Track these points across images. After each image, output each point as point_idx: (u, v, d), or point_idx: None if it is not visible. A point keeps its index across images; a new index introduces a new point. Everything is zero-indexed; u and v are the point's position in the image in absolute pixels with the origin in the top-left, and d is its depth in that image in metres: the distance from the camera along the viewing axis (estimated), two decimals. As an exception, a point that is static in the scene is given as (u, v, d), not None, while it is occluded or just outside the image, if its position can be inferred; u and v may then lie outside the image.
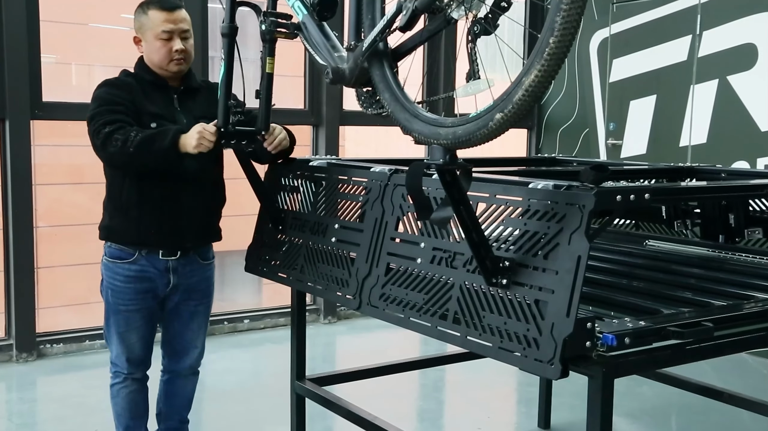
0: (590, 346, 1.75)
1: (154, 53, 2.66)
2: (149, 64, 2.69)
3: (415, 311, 2.14)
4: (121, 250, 2.72)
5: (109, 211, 2.75)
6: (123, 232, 2.70)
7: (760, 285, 2.37)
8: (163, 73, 2.69)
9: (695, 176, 3.10)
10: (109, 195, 2.75)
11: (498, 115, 1.60)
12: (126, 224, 2.69)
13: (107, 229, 2.75)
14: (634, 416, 3.79)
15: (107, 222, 2.75)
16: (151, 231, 2.68)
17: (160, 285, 2.74)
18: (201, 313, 2.88)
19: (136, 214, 2.66)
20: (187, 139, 2.48)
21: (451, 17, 1.81)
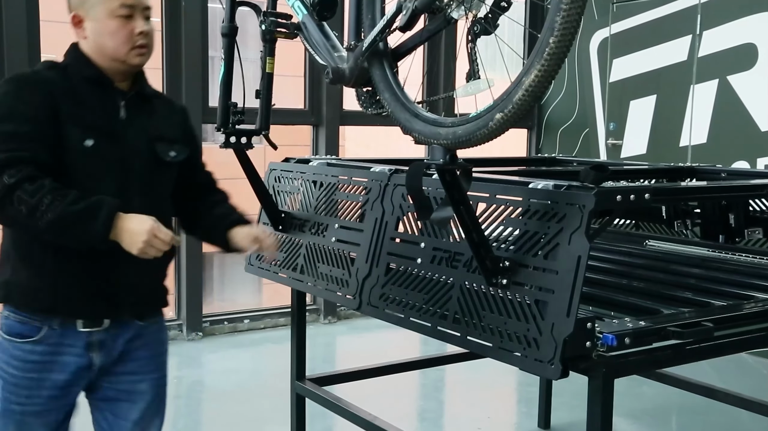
0: (590, 346, 1.75)
1: (108, 37, 1.87)
2: (94, 53, 1.91)
3: (415, 311, 2.14)
4: (23, 323, 1.87)
5: (12, 261, 1.88)
6: (30, 293, 1.87)
7: (760, 285, 2.37)
8: (114, 67, 1.91)
9: (695, 176, 3.10)
10: (12, 238, 1.89)
11: (498, 114, 1.60)
12: (36, 281, 1.86)
13: (6, 287, 1.90)
14: (634, 416, 3.79)
15: (8, 276, 1.89)
16: (72, 292, 1.87)
17: (77, 374, 1.92)
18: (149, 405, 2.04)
19: (52, 266, 1.85)
20: (128, 235, 1.76)
21: (451, 17, 1.81)
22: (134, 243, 1.75)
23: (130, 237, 1.75)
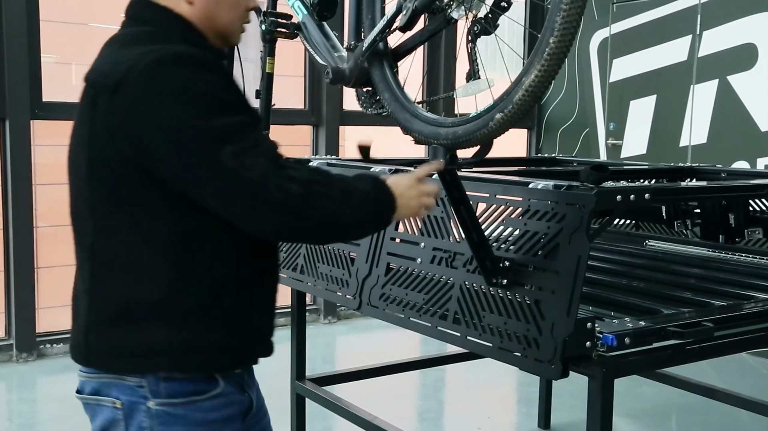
0: (590, 346, 1.75)
1: (226, 8, 1.49)
2: (200, 23, 1.48)
3: (415, 311, 2.14)
4: (194, 381, 1.42)
5: (180, 314, 1.39)
6: (211, 350, 1.42)
7: (760, 285, 2.37)
8: (215, 44, 1.54)
9: (695, 176, 3.10)
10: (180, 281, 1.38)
11: (498, 115, 1.60)
12: (220, 333, 1.43)
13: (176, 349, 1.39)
14: (634, 416, 3.79)
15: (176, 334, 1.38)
16: (262, 334, 1.52)
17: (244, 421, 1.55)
18: None
19: (247, 308, 1.45)
20: (405, 200, 1.50)
21: (451, 17, 1.81)
22: (411, 207, 1.53)
23: (407, 201, 1.51)
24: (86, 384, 1.46)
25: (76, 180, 1.44)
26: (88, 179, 1.39)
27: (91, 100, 1.38)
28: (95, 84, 1.39)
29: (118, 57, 1.38)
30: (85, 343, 1.43)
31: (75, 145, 1.44)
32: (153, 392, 1.39)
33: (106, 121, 1.35)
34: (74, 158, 1.44)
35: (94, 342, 1.42)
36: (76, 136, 1.45)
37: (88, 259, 1.41)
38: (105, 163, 1.36)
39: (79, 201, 1.44)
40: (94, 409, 1.45)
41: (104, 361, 1.41)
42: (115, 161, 1.35)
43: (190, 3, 1.46)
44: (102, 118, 1.35)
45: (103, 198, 1.38)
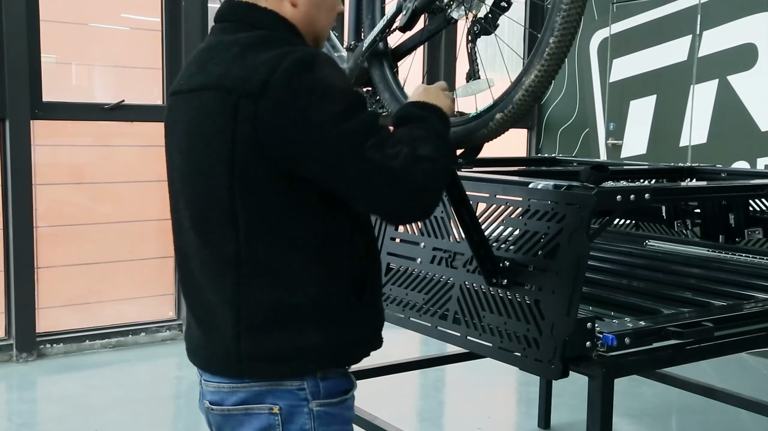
0: (590, 346, 1.75)
1: (324, 12, 1.52)
2: (301, 26, 1.49)
3: (415, 311, 2.14)
4: (343, 380, 1.49)
5: (330, 313, 1.42)
6: (359, 340, 1.50)
7: (760, 285, 2.37)
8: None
9: (695, 176, 3.10)
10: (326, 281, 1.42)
11: (498, 115, 1.60)
12: (365, 317, 1.50)
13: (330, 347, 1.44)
14: (634, 416, 3.79)
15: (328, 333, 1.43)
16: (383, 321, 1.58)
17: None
18: None
19: (376, 300, 1.54)
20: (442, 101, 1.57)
21: (451, 17, 1.81)
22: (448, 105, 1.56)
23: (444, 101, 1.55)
24: (229, 395, 1.44)
25: (206, 190, 1.40)
26: (229, 188, 1.36)
27: (232, 106, 1.34)
28: (233, 89, 1.34)
29: (250, 61, 1.36)
30: (235, 354, 1.41)
31: (203, 155, 1.39)
32: (313, 393, 1.42)
33: (251, 126, 1.32)
34: (203, 169, 1.40)
35: (247, 350, 1.40)
36: (203, 145, 1.39)
37: (232, 268, 1.39)
38: (250, 170, 1.35)
39: (212, 212, 1.40)
40: (241, 420, 1.44)
41: (261, 369, 1.41)
42: (261, 167, 1.34)
43: (294, 5, 1.47)
44: (246, 125, 1.33)
45: (247, 206, 1.36)
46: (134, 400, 3.81)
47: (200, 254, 1.44)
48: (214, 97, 1.37)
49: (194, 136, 1.41)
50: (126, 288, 4.76)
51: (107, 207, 4.66)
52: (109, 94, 4.68)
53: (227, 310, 1.41)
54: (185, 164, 1.44)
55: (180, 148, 1.46)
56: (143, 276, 4.77)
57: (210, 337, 1.46)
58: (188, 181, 1.44)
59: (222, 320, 1.42)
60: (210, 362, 1.47)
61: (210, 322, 1.46)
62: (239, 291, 1.39)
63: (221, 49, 1.42)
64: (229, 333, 1.41)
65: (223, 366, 1.44)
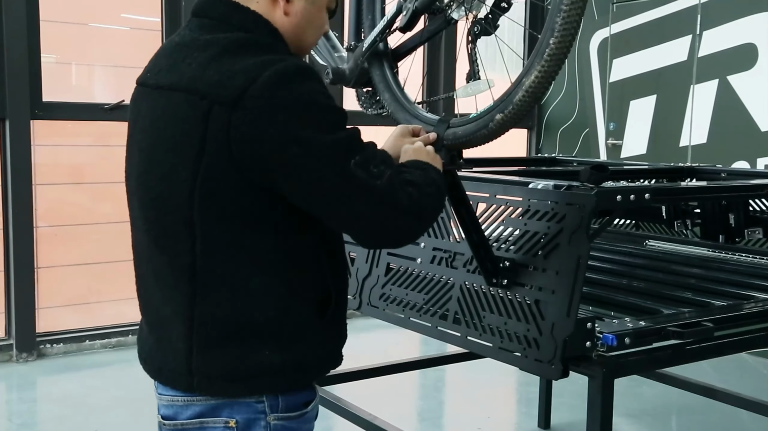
0: (590, 346, 1.75)
1: (313, 29, 1.48)
2: (288, 37, 1.44)
3: (415, 311, 2.14)
4: (304, 393, 1.44)
5: (290, 332, 1.37)
6: (321, 360, 1.46)
7: (760, 285, 2.37)
8: None
9: (695, 176, 3.10)
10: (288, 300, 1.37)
11: (498, 115, 1.60)
12: (325, 335, 1.45)
13: (290, 368, 1.38)
14: (634, 416, 3.79)
15: (288, 353, 1.37)
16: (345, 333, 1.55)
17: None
18: None
19: (340, 318, 1.49)
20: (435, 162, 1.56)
21: (451, 18, 1.81)
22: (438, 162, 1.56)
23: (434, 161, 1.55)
24: (183, 410, 1.39)
25: (165, 194, 1.33)
26: (189, 195, 1.29)
27: (204, 112, 1.27)
28: (206, 94, 1.27)
29: (227, 66, 1.29)
30: (186, 369, 1.35)
31: (166, 156, 1.33)
32: (272, 407, 1.38)
33: (224, 136, 1.25)
34: (164, 171, 1.33)
35: (200, 367, 1.34)
36: (167, 147, 1.32)
37: (186, 280, 1.33)
38: (215, 179, 1.28)
39: (168, 217, 1.33)
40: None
41: (213, 386, 1.35)
42: (228, 178, 1.27)
43: (287, 14, 1.41)
44: (218, 133, 1.26)
45: (207, 215, 1.30)
46: (134, 400, 3.81)
47: (153, 259, 1.39)
48: (185, 100, 1.30)
49: (157, 137, 1.34)
50: (126, 288, 4.71)
51: (107, 207, 4.66)
52: (109, 94, 4.68)
53: (179, 323, 1.35)
54: (143, 163, 1.37)
55: (140, 146, 1.38)
56: (143, 276, 4.76)
57: (161, 346, 1.40)
58: (144, 181, 1.37)
59: (174, 331, 1.36)
60: (161, 373, 1.41)
61: (161, 331, 1.40)
62: (193, 304, 1.33)
63: (197, 48, 1.34)
64: (181, 346, 1.35)
65: (173, 378, 1.38)
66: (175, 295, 1.35)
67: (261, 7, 1.39)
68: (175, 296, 1.35)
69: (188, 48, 1.36)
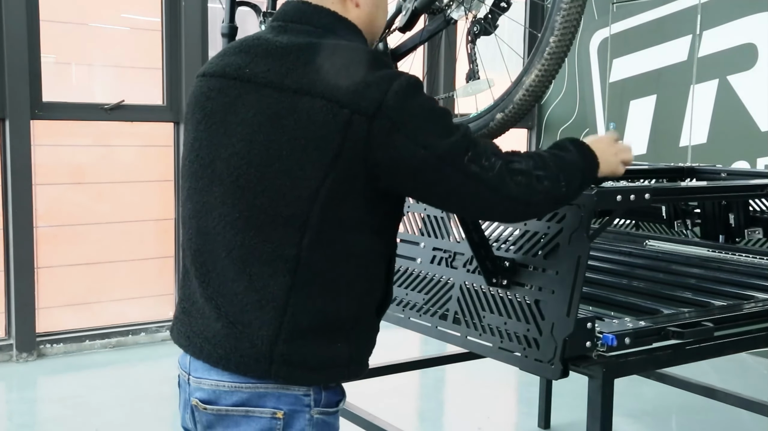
0: (590, 346, 1.75)
1: (382, 11, 1.59)
2: (363, 28, 1.54)
3: (415, 311, 2.14)
4: (338, 391, 1.52)
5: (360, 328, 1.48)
6: (366, 357, 1.54)
7: (760, 285, 2.37)
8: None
9: (695, 176, 3.10)
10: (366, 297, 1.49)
11: (499, 114, 1.60)
12: (375, 334, 1.57)
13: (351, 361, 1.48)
14: (634, 416, 3.79)
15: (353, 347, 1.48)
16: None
17: None
18: None
19: (377, 306, 1.54)
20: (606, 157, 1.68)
21: (451, 17, 1.82)
22: (612, 163, 1.71)
23: (608, 158, 1.69)
24: (227, 395, 1.43)
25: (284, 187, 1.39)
26: (314, 192, 1.37)
27: (345, 120, 1.36)
28: (346, 104, 1.36)
29: (358, 76, 1.38)
30: (267, 354, 1.40)
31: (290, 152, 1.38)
32: (316, 401, 1.45)
33: (363, 144, 1.37)
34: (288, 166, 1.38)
35: (284, 353, 1.40)
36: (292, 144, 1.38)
37: (287, 271, 1.39)
38: (343, 182, 1.38)
39: (282, 208, 1.39)
40: (237, 421, 1.43)
41: (293, 373, 1.41)
42: (356, 180, 1.38)
43: (357, 6, 1.51)
44: (357, 141, 1.36)
45: (324, 214, 1.38)
46: (134, 400, 3.81)
47: (244, 246, 1.41)
48: (321, 105, 1.37)
49: (279, 132, 1.39)
50: (126, 288, 4.76)
51: (107, 207, 4.66)
52: (109, 94, 4.68)
53: (269, 310, 1.39)
54: (253, 155, 1.40)
55: (248, 137, 1.41)
56: (143, 276, 4.77)
57: (236, 332, 1.42)
58: (257, 171, 1.40)
59: (257, 318, 1.40)
60: (229, 359, 1.42)
61: (237, 316, 1.42)
62: (290, 294, 1.39)
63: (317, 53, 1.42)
64: (265, 332, 1.39)
65: (245, 364, 1.41)
66: (269, 284, 1.40)
67: (335, 5, 1.50)
68: (270, 284, 1.40)
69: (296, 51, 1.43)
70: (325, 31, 1.47)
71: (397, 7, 1.90)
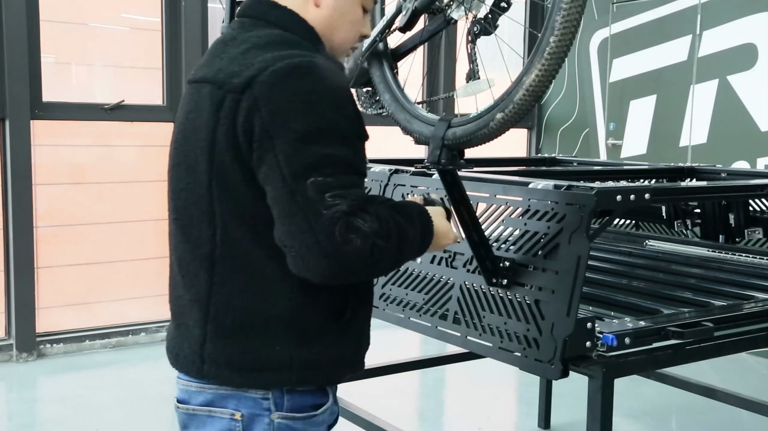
0: (590, 346, 1.75)
1: (347, 24, 1.47)
2: (320, 31, 1.45)
3: (415, 311, 2.14)
4: (313, 395, 1.43)
5: (303, 329, 1.37)
6: (333, 362, 1.42)
7: (760, 285, 2.37)
8: None
9: (695, 176, 3.10)
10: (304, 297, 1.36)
11: (499, 114, 1.60)
12: (341, 338, 1.42)
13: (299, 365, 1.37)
14: (634, 416, 3.79)
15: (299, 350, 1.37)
16: (368, 345, 1.52)
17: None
18: None
19: (359, 323, 1.46)
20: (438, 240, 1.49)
21: (451, 17, 1.81)
22: (439, 246, 1.52)
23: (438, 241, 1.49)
24: (195, 395, 1.42)
25: (191, 185, 1.37)
26: (208, 185, 1.33)
27: (218, 101, 1.31)
28: (223, 84, 1.31)
29: (250, 59, 1.32)
30: (199, 355, 1.38)
31: (191, 148, 1.37)
32: (277, 404, 1.38)
33: (230, 122, 1.29)
34: (190, 162, 1.37)
35: (211, 353, 1.37)
36: (193, 138, 1.36)
37: (206, 269, 1.35)
38: (227, 170, 1.30)
39: (193, 207, 1.37)
40: (203, 421, 1.42)
41: (223, 374, 1.37)
42: (237, 168, 1.29)
43: (317, 6, 1.44)
44: (226, 119, 1.29)
45: (225, 207, 1.32)
46: (134, 400, 3.81)
47: (179, 248, 1.43)
48: (208, 91, 1.34)
49: (186, 128, 1.39)
50: (126, 288, 4.76)
51: (107, 207, 4.66)
52: (109, 94, 4.68)
53: (197, 309, 1.38)
54: (176, 156, 1.42)
55: (175, 138, 1.44)
56: (143, 276, 4.77)
57: (180, 334, 1.44)
58: (176, 173, 1.42)
59: (191, 318, 1.40)
60: (177, 359, 1.45)
61: (181, 318, 1.43)
62: (211, 291, 1.36)
63: (233, 44, 1.39)
64: (196, 332, 1.39)
65: (187, 364, 1.41)
66: (195, 283, 1.38)
67: (295, 3, 1.43)
68: (195, 283, 1.38)
69: (227, 45, 1.40)
70: (277, 28, 1.40)
71: (397, 7, 1.90)
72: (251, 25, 1.42)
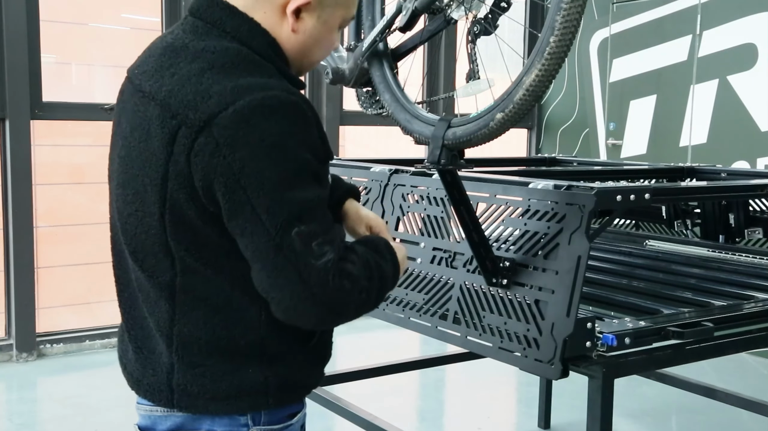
0: (590, 346, 1.75)
1: (320, 48, 1.39)
2: (291, 54, 1.36)
3: (415, 311, 2.14)
4: (289, 406, 1.41)
5: (274, 355, 1.33)
6: (305, 379, 1.40)
7: (760, 285, 2.37)
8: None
9: (695, 176, 3.10)
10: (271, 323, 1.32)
11: (499, 114, 1.60)
12: (312, 358, 1.41)
13: (273, 388, 1.33)
14: (634, 416, 3.79)
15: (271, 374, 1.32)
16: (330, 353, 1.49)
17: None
18: None
19: (326, 339, 1.46)
20: (403, 265, 1.45)
21: (451, 17, 1.81)
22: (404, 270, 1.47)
23: (404, 264, 1.45)
24: (162, 421, 1.35)
25: (140, 213, 1.27)
26: (160, 218, 1.24)
27: (171, 132, 1.20)
28: (177, 114, 1.21)
29: (206, 84, 1.21)
30: (167, 385, 1.31)
31: (138, 173, 1.26)
32: (254, 419, 1.34)
33: (185, 159, 1.19)
34: (138, 189, 1.27)
35: (180, 384, 1.30)
36: (140, 162, 1.25)
37: (166, 298, 1.28)
38: (181, 208, 1.22)
39: (144, 236, 1.27)
40: None
41: (196, 404, 1.31)
42: (191, 207, 1.22)
43: (294, 32, 1.32)
44: (180, 156, 1.20)
45: (182, 239, 1.24)
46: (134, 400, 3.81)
47: (135, 272, 1.32)
48: (158, 115, 1.22)
49: (133, 148, 1.26)
50: (126, 288, 4.75)
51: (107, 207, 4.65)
52: (109, 94, 4.68)
53: (161, 339, 1.30)
54: (121, 173, 1.30)
55: (119, 152, 1.30)
56: (143, 276, 4.76)
57: (142, 358, 1.35)
58: (122, 194, 1.30)
59: (156, 345, 1.32)
60: (139, 385, 1.36)
61: (143, 342, 1.35)
62: (173, 321, 1.28)
63: (185, 57, 1.26)
64: (163, 361, 1.31)
65: (152, 392, 1.34)
66: (155, 311, 1.30)
67: (267, 19, 1.30)
68: (156, 312, 1.30)
69: (177, 55, 1.27)
70: (234, 41, 1.27)
71: (397, 7, 1.90)
72: (205, 33, 1.28)
